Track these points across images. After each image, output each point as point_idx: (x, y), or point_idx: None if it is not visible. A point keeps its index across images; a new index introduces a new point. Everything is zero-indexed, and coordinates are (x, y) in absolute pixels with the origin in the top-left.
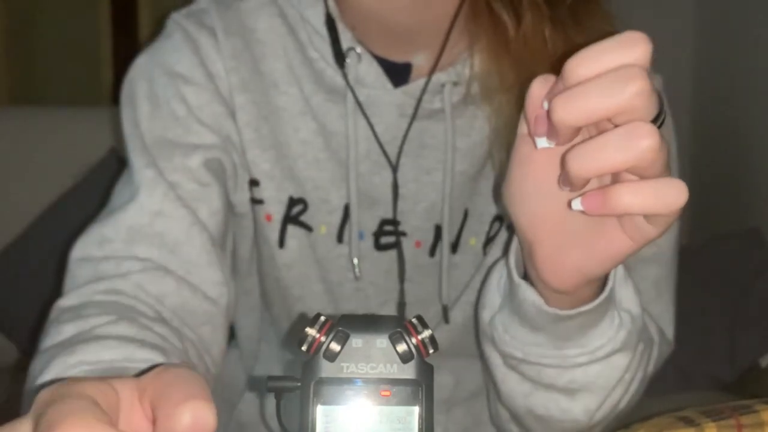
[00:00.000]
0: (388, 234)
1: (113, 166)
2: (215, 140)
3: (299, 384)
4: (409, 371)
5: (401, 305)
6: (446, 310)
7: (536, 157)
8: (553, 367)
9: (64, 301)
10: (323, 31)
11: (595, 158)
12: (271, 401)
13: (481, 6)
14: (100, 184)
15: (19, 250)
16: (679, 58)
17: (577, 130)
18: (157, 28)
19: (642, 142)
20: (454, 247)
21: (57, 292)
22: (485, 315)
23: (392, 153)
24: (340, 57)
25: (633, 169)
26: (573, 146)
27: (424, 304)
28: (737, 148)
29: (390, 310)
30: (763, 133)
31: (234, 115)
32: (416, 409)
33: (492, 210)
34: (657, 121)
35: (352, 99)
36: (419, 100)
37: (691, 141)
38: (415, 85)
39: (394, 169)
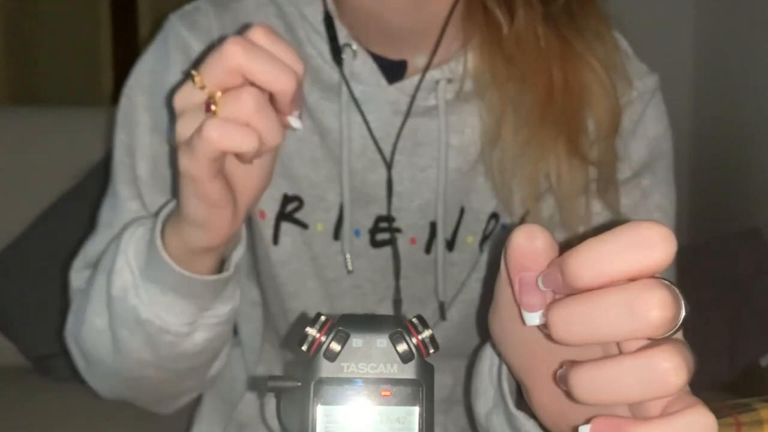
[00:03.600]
0: (383, 231)
1: None
2: None
3: (299, 384)
4: (409, 371)
5: (397, 302)
6: (443, 307)
7: None
8: None
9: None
10: (321, 28)
11: (609, 391)
12: (271, 401)
13: (476, 4)
14: (100, 184)
15: (19, 250)
16: (679, 58)
17: None
18: (157, 28)
19: (667, 379)
20: (451, 244)
21: (57, 292)
22: (480, 407)
23: (387, 150)
24: (337, 54)
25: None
26: (579, 366)
27: (421, 302)
28: (737, 148)
29: (387, 307)
30: (763, 133)
31: None
32: (416, 409)
33: (488, 207)
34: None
35: (347, 94)
36: (413, 97)
37: (691, 141)
38: (409, 82)
39: (389, 166)
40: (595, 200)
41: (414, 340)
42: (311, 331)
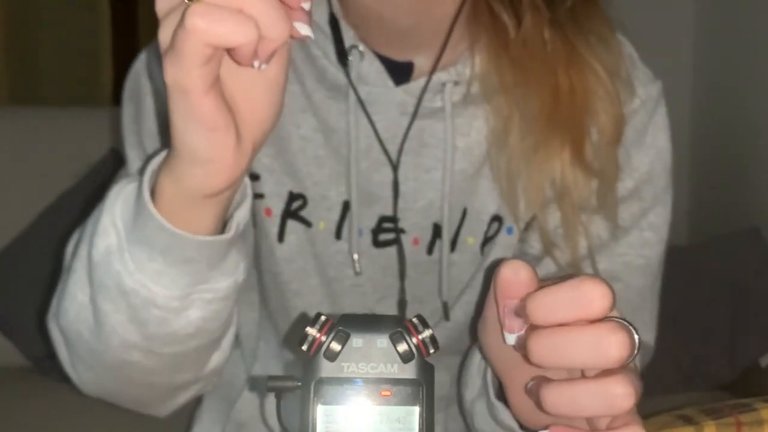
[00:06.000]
0: (386, 231)
1: (113, 166)
2: None
3: (299, 384)
4: (409, 371)
5: (402, 303)
6: (447, 307)
7: None
8: None
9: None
10: (326, 28)
11: (571, 407)
12: (270, 400)
13: (482, 7)
14: (100, 184)
15: (19, 250)
16: (679, 58)
17: None
18: (157, 28)
19: (619, 402)
20: (452, 245)
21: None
22: (467, 395)
23: (392, 151)
24: (342, 56)
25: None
26: (549, 384)
27: (421, 302)
28: (737, 148)
29: (387, 306)
30: (763, 133)
31: None
32: (416, 409)
33: (490, 210)
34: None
35: (354, 96)
36: (420, 99)
37: (691, 141)
38: (416, 84)
39: (395, 167)
40: (596, 220)
41: (414, 340)
42: (311, 331)
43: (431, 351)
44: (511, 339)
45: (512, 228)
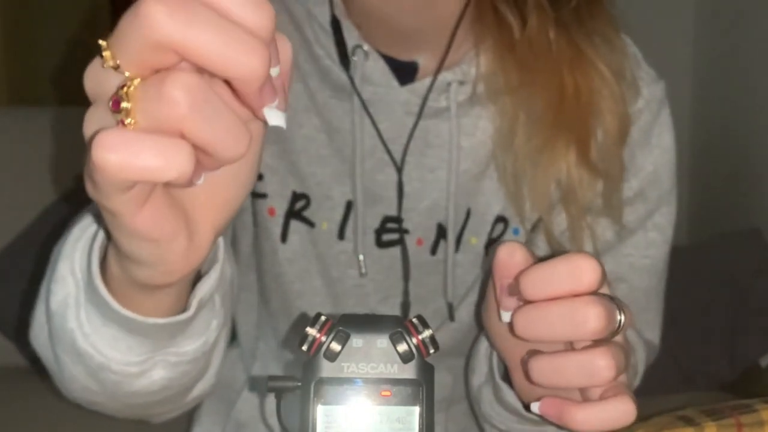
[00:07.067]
0: (390, 231)
1: None
2: None
3: (299, 384)
4: (409, 371)
5: (405, 304)
6: (452, 308)
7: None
8: None
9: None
10: (329, 28)
11: (556, 377)
12: (270, 400)
13: (486, 7)
14: None
15: (19, 250)
16: (679, 58)
17: None
18: None
19: (601, 373)
20: (456, 245)
21: None
22: (474, 381)
23: (397, 151)
24: (345, 58)
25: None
26: (537, 355)
27: (424, 303)
28: (737, 148)
29: (390, 307)
30: (763, 133)
31: None
32: (417, 409)
33: (494, 210)
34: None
35: (358, 96)
36: (425, 99)
37: (691, 141)
38: (421, 84)
39: (399, 168)
40: (601, 221)
41: (414, 340)
42: (311, 331)
43: (431, 351)
44: (507, 317)
45: (518, 229)
